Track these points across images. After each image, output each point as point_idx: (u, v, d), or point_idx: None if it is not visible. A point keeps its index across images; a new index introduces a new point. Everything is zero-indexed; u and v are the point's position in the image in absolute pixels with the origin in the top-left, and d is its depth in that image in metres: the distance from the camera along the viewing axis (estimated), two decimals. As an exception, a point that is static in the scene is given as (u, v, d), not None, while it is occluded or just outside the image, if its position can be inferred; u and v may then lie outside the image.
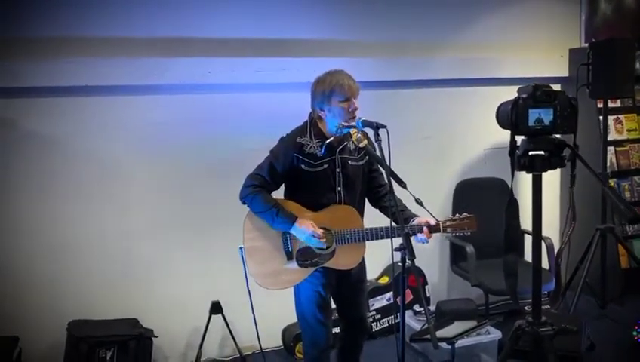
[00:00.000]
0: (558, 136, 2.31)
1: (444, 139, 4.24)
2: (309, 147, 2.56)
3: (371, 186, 2.75)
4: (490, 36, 4.30)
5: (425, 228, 2.56)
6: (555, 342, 2.36)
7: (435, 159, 4.23)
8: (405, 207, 2.67)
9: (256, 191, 2.54)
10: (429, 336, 2.22)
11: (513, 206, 2.35)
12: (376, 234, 2.57)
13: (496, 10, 4.32)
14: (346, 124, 2.50)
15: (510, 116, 2.22)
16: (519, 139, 2.29)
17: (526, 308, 2.69)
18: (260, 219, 2.58)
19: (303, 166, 2.55)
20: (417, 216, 2.62)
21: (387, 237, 2.53)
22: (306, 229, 2.51)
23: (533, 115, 2.21)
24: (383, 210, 2.73)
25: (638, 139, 4.55)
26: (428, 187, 3.77)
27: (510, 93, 2.45)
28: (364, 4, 3.91)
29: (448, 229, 2.62)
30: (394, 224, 2.48)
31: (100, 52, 3.32)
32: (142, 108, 3.46)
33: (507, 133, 2.34)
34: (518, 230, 2.42)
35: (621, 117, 4.50)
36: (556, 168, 2.28)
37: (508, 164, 2.32)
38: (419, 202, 2.44)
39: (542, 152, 2.26)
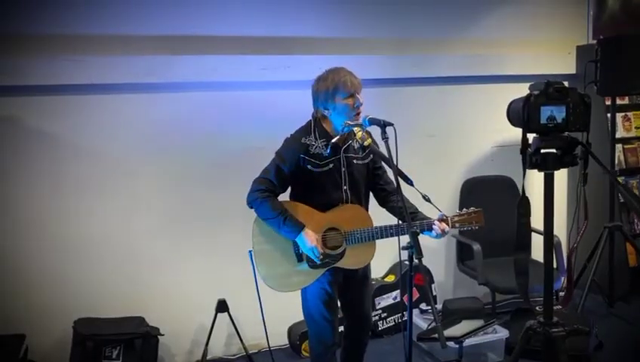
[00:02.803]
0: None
1: (450, 137, 4.22)
2: (314, 147, 2.54)
3: (377, 184, 2.73)
4: (496, 33, 4.27)
5: (436, 222, 2.54)
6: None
7: (442, 157, 4.20)
8: (417, 209, 2.64)
9: (263, 196, 2.52)
10: (436, 335, 2.20)
11: (524, 204, 2.33)
12: (386, 232, 2.55)
13: (502, 7, 4.29)
14: (351, 122, 2.48)
15: (522, 113, 2.19)
16: (531, 136, 2.27)
17: (537, 308, 2.67)
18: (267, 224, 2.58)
19: (309, 166, 2.54)
20: (429, 218, 2.59)
21: (397, 235, 2.51)
22: (309, 243, 2.50)
23: (546, 112, 2.18)
24: (392, 210, 2.70)
25: (646, 137, 4.52)
26: (434, 185, 3.71)
27: (517, 90, 2.43)
28: (368, 2, 3.88)
29: (457, 224, 2.60)
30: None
31: (106, 49, 3.31)
32: (147, 106, 3.45)
33: (514, 131, 2.31)
34: (529, 228, 2.39)
35: (629, 114, 4.46)
36: (568, 166, 2.25)
37: (515, 162, 2.30)
38: (426, 198, 2.42)
39: (554, 150, 2.24)
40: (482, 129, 4.26)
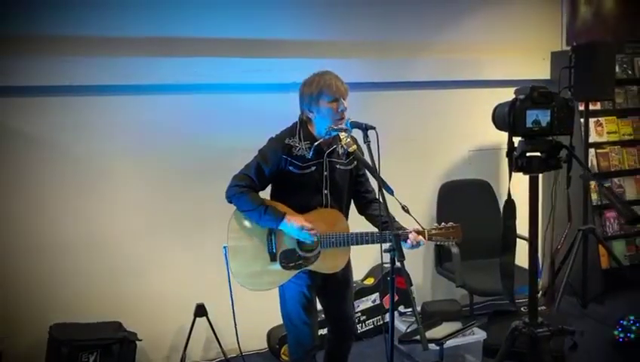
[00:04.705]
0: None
1: (427, 141, 4.25)
2: (297, 148, 2.54)
3: (358, 191, 2.73)
4: (472, 38, 4.31)
5: (412, 234, 2.54)
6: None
7: (419, 161, 4.23)
8: (394, 218, 2.62)
9: (242, 191, 2.51)
10: (417, 338, 2.22)
11: (510, 207, 2.37)
12: (362, 239, 2.56)
13: (477, 13, 4.34)
14: (335, 126, 2.48)
15: (507, 117, 2.23)
16: (516, 140, 2.31)
17: (522, 308, 2.71)
18: (247, 218, 2.56)
19: (290, 168, 2.53)
20: (405, 228, 2.59)
21: (372, 242, 2.53)
22: (296, 224, 2.49)
23: (531, 116, 2.23)
24: (370, 217, 2.70)
25: (617, 142, 4.62)
26: (412, 189, 3.77)
27: (493, 95, 2.46)
28: (348, 5, 3.89)
29: (433, 238, 2.61)
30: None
31: (87, 51, 3.25)
32: (128, 108, 3.41)
33: (491, 135, 2.35)
34: (515, 231, 2.43)
35: (601, 119, 4.56)
36: (553, 169, 2.30)
37: (492, 166, 2.33)
38: (405, 209, 2.40)
39: (539, 154, 2.28)
40: (460, 133, 4.29)
